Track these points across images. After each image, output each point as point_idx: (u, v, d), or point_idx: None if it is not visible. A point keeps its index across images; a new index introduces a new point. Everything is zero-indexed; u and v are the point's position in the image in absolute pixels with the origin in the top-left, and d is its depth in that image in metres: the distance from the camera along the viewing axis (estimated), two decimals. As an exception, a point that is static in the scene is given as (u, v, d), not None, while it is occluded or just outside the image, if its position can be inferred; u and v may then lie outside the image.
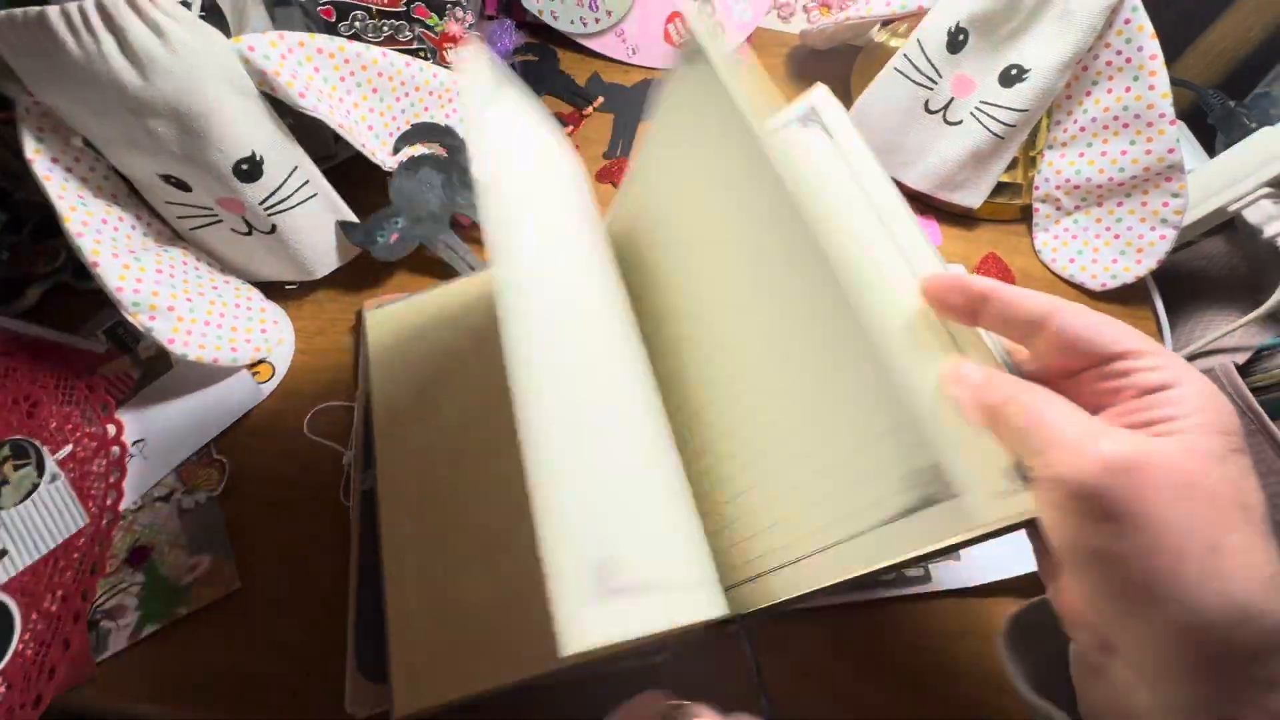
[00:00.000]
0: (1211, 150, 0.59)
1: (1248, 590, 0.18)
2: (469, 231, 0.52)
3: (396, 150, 0.47)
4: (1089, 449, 0.20)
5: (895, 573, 0.39)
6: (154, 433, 0.44)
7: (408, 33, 0.50)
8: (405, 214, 0.47)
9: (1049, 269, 0.53)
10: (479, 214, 0.50)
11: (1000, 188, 0.54)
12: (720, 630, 0.30)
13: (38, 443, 0.43)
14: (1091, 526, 0.20)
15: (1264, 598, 0.19)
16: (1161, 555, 0.19)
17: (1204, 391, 0.21)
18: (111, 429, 0.44)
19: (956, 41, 0.48)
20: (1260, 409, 0.46)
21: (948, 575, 0.40)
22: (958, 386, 0.23)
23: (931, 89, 0.50)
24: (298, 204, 0.44)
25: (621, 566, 0.21)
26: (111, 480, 0.42)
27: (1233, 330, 0.48)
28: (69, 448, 0.43)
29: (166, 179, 0.41)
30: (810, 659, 0.38)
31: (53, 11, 0.33)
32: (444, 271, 0.50)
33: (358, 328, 0.48)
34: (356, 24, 0.48)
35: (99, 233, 0.40)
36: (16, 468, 0.42)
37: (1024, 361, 0.26)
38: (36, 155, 0.38)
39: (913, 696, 0.38)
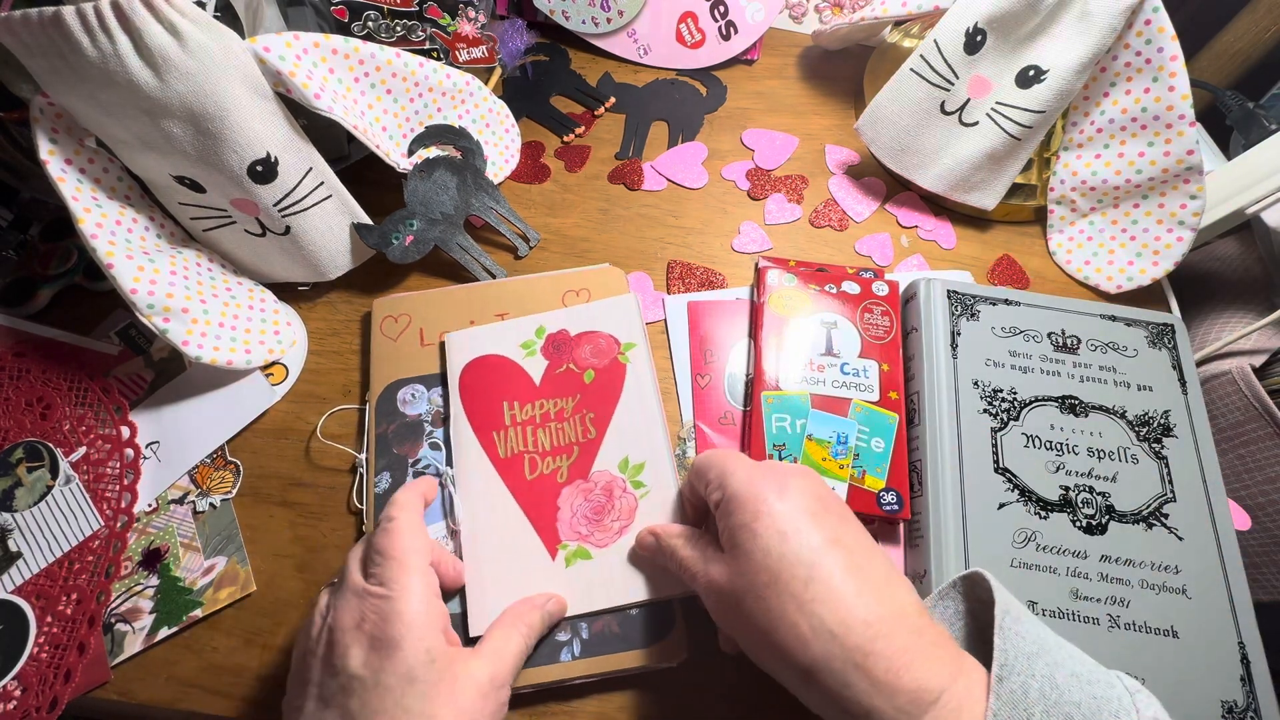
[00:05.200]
0: (1226, 151, 0.59)
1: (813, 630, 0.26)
2: (481, 233, 0.52)
3: (411, 152, 0.47)
4: (699, 580, 0.31)
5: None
6: (167, 435, 0.44)
7: (420, 33, 0.50)
8: (420, 216, 0.47)
9: (1064, 271, 0.53)
10: (493, 216, 0.50)
11: (1015, 189, 0.53)
12: None
13: (51, 445, 0.43)
14: (726, 616, 0.30)
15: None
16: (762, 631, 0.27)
17: (740, 493, 0.30)
18: (125, 431, 0.43)
19: (974, 42, 0.48)
20: (1278, 412, 0.46)
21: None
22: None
23: (948, 90, 0.49)
24: (312, 205, 0.44)
25: None
26: (125, 482, 0.42)
27: (1249, 333, 0.48)
28: (82, 450, 0.43)
29: (180, 180, 0.41)
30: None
31: (68, 11, 0.32)
32: (457, 273, 0.50)
33: (366, 329, 0.48)
34: (370, 24, 0.48)
35: (113, 234, 0.39)
36: (30, 470, 0.42)
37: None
38: (50, 157, 0.38)
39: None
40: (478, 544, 0.38)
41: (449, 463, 0.40)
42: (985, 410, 0.41)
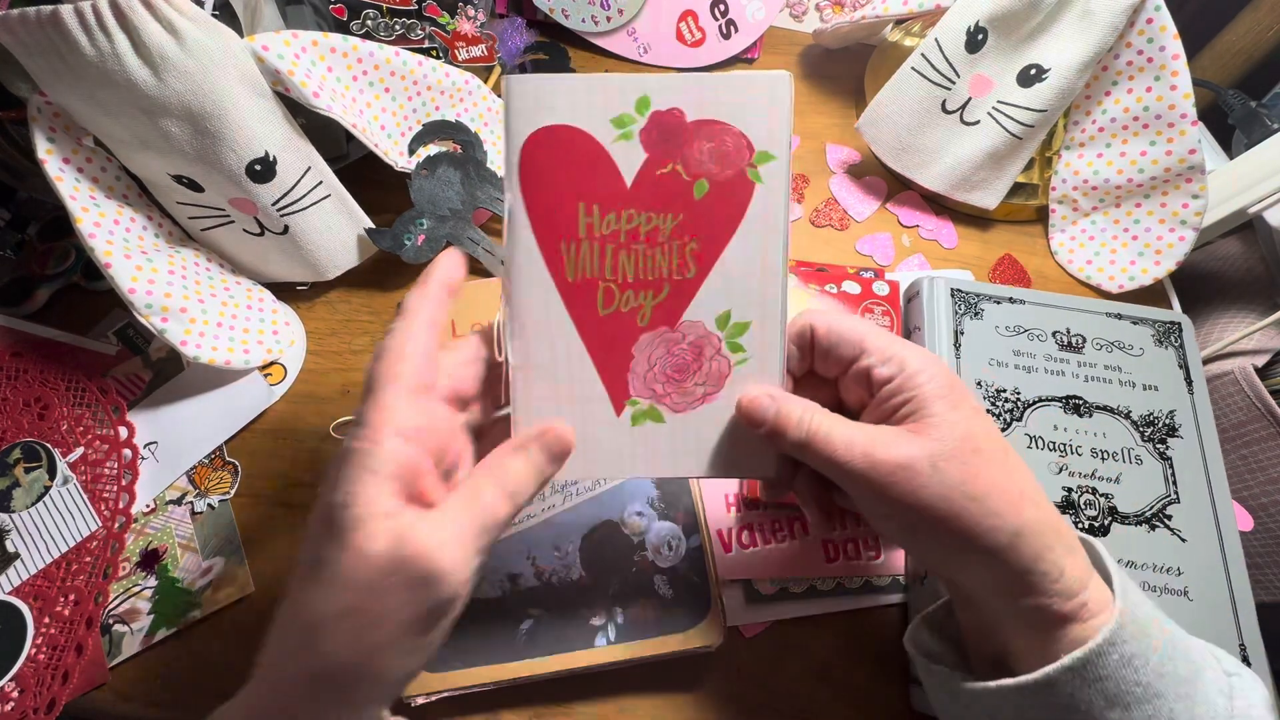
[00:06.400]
0: (1228, 150, 0.59)
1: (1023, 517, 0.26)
2: (488, 224, 0.52)
3: (411, 151, 0.46)
4: (855, 449, 0.26)
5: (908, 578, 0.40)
6: (165, 435, 0.44)
7: (419, 31, 0.49)
8: (428, 214, 0.47)
9: (1065, 270, 0.52)
10: (500, 207, 0.50)
11: (1016, 188, 0.53)
12: None
13: (49, 445, 0.43)
14: (894, 524, 0.27)
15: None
16: (957, 521, 0.25)
17: (925, 368, 0.27)
18: (123, 431, 0.43)
19: (975, 41, 0.47)
20: (1281, 413, 0.45)
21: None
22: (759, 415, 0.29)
23: (949, 89, 0.49)
24: (311, 205, 0.44)
25: None
26: (123, 483, 0.42)
27: (1252, 333, 0.47)
28: (80, 450, 0.43)
29: (179, 179, 0.40)
30: (829, 661, 0.38)
31: (66, 10, 0.32)
32: (470, 267, 0.50)
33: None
34: (369, 22, 0.48)
35: (111, 234, 0.39)
36: (28, 470, 0.42)
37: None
38: (48, 156, 0.37)
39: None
40: (530, 383, 0.30)
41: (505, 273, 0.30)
42: (988, 410, 0.41)
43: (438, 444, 0.25)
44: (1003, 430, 0.40)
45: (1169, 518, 0.39)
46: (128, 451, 0.43)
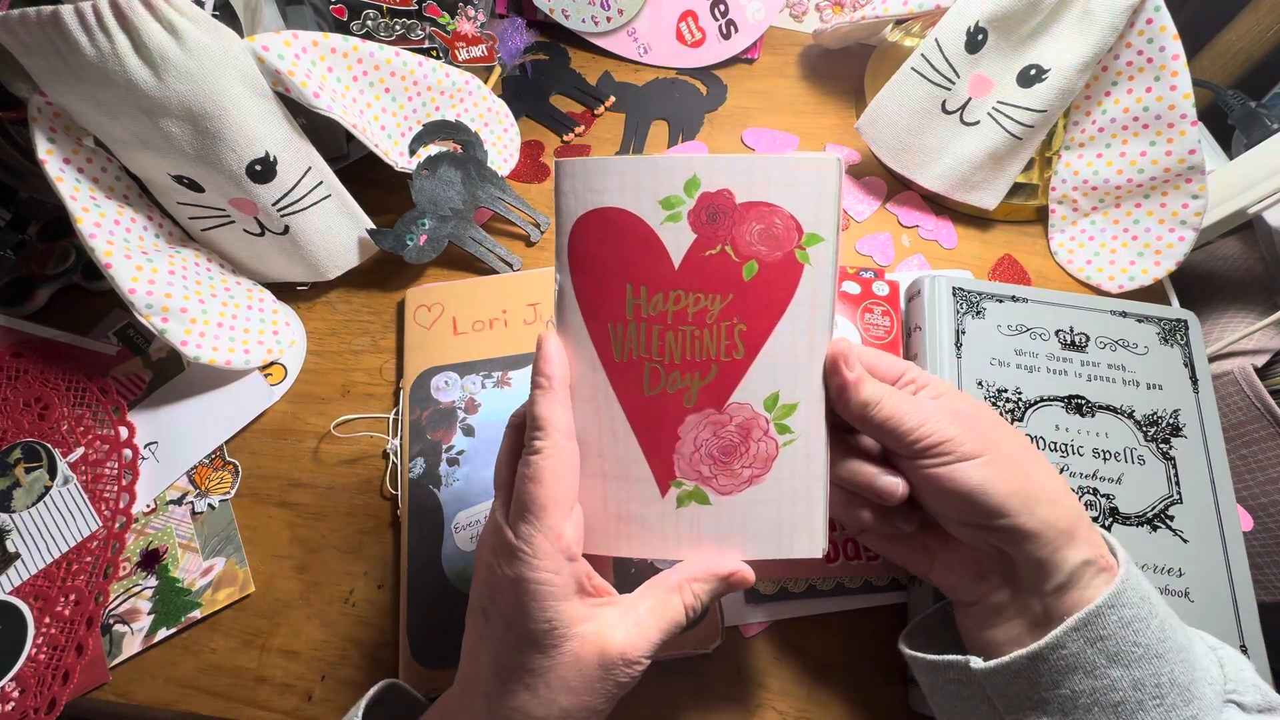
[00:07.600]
0: (1228, 150, 0.59)
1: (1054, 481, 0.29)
2: (490, 223, 0.52)
3: (412, 151, 0.47)
4: (918, 410, 0.29)
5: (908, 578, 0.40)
6: (166, 435, 0.44)
7: (420, 31, 0.49)
8: (430, 214, 0.47)
9: (1065, 270, 0.52)
10: (502, 206, 0.50)
11: (1016, 189, 0.53)
12: None
13: (49, 445, 0.43)
14: (965, 464, 0.28)
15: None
16: (1011, 466, 0.28)
17: (943, 382, 0.33)
18: (123, 431, 0.43)
19: (975, 41, 0.47)
20: (1281, 413, 0.45)
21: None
22: (849, 371, 0.29)
23: (949, 89, 0.49)
24: (311, 205, 0.44)
25: None
26: (124, 483, 0.42)
27: (1251, 333, 0.47)
28: (81, 450, 0.43)
29: (179, 180, 0.40)
30: (828, 661, 0.38)
31: (67, 10, 0.32)
32: (470, 266, 0.50)
33: (399, 318, 0.48)
34: (369, 22, 0.48)
35: (111, 234, 0.39)
36: (28, 470, 0.42)
37: None
38: (49, 156, 0.37)
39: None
40: (575, 461, 0.31)
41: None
42: None
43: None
44: None
45: (1171, 518, 0.39)
46: (128, 451, 0.43)
